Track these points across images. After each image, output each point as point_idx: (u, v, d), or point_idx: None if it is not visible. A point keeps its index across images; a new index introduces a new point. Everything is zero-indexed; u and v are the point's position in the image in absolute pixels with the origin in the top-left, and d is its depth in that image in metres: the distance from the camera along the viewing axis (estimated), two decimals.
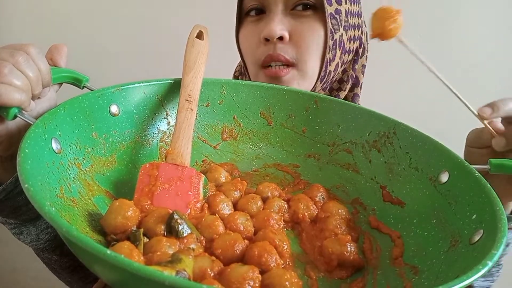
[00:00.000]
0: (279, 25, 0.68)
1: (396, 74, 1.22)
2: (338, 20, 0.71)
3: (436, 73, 0.54)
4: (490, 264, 0.33)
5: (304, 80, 0.72)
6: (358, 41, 0.77)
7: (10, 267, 1.41)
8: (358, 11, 0.76)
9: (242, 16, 0.76)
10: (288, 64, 0.69)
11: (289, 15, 0.69)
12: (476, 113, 0.53)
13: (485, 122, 0.53)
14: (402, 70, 1.18)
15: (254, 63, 0.73)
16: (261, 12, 0.72)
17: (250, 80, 0.77)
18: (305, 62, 0.70)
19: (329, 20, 0.69)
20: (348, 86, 0.79)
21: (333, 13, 0.69)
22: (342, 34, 0.72)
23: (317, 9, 0.70)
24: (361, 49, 0.78)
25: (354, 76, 0.79)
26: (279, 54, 0.68)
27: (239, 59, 0.81)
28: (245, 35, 0.75)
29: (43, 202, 0.33)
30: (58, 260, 0.62)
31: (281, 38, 0.68)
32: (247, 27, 0.74)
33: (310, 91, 0.72)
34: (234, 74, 0.90)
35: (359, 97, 0.81)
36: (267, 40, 0.69)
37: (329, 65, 0.72)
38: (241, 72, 0.85)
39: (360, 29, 0.77)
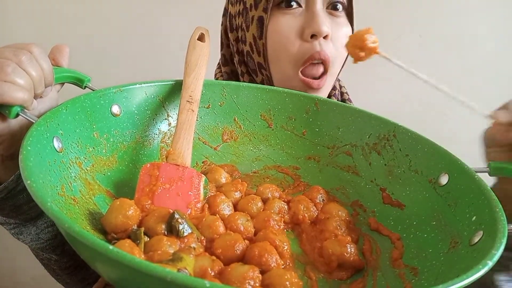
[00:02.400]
0: (327, 21, 0.67)
1: (396, 77, 1.22)
2: (354, 22, 0.73)
3: (430, 82, 0.52)
4: (490, 263, 0.34)
5: (331, 83, 0.73)
6: None
7: (10, 267, 1.41)
8: None
9: (268, 8, 0.69)
10: (324, 68, 0.69)
11: (326, 13, 0.70)
12: (488, 115, 0.50)
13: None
14: (402, 72, 1.18)
15: (290, 60, 0.69)
16: (297, 5, 0.69)
17: (269, 78, 0.73)
18: (336, 64, 0.71)
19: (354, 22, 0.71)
20: (338, 84, 0.82)
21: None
22: None
23: (346, 10, 0.72)
24: None
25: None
26: (325, 52, 0.67)
27: None
28: (279, 28, 0.69)
29: (45, 198, 0.33)
30: (58, 260, 0.62)
31: (325, 36, 0.68)
32: (282, 20, 0.68)
33: None
34: (215, 78, 0.84)
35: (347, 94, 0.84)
36: (312, 37, 0.67)
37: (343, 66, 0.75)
38: (232, 75, 0.81)
39: None
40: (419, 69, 0.51)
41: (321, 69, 0.69)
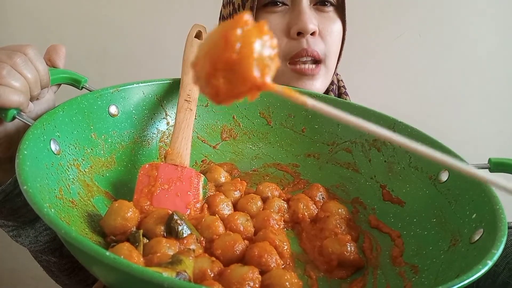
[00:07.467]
0: (312, 19, 0.67)
1: (395, 73, 1.22)
2: (345, 17, 0.73)
3: None
4: (490, 263, 0.33)
5: (327, 75, 0.73)
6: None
7: (10, 267, 1.41)
8: None
9: (254, 7, 0.70)
10: (317, 61, 0.69)
11: (313, 10, 0.70)
12: None
13: None
14: (401, 69, 1.18)
15: (279, 57, 0.71)
16: (283, 4, 0.70)
17: None
18: (330, 58, 0.71)
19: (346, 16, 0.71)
20: (336, 78, 0.82)
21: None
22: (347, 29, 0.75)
23: (335, 6, 0.72)
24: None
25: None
26: (313, 49, 0.68)
27: None
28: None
29: (42, 204, 0.33)
30: (56, 262, 0.62)
31: (313, 33, 0.68)
32: (269, 18, 0.69)
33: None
34: None
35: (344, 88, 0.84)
36: (298, 34, 0.68)
37: (339, 60, 0.75)
38: None
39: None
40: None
41: (312, 66, 0.69)
